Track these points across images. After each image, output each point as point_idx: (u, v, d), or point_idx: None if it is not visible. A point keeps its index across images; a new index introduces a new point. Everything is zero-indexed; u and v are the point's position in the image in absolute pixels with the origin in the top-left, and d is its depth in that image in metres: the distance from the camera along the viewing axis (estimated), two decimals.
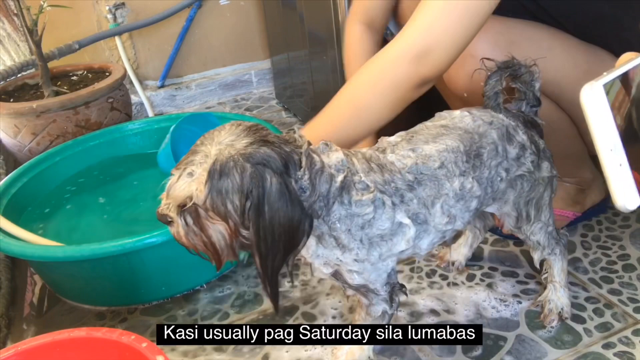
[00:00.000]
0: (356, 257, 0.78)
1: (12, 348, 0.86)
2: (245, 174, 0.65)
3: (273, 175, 0.66)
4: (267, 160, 0.66)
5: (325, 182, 0.72)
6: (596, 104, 0.47)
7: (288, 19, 1.86)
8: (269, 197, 0.65)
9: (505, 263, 1.19)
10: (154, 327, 1.12)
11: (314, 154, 0.73)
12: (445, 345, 0.99)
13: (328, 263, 0.80)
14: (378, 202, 0.76)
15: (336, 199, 0.73)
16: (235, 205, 0.66)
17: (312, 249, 0.77)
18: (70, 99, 1.69)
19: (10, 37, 1.96)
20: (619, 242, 1.21)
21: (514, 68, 0.89)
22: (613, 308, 1.04)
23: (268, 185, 0.65)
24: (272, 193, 0.65)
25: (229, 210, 0.66)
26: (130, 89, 2.06)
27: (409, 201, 0.79)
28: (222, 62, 2.31)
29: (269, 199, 0.65)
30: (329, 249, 0.78)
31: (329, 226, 0.75)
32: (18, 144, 1.71)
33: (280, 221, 0.67)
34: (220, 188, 0.65)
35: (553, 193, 0.95)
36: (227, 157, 0.66)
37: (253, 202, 0.66)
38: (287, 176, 0.68)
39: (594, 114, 0.47)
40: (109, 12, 2.05)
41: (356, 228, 0.76)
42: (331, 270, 0.81)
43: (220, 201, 0.66)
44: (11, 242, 1.15)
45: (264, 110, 2.18)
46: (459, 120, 0.87)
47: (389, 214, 0.77)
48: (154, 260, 1.14)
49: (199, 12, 2.18)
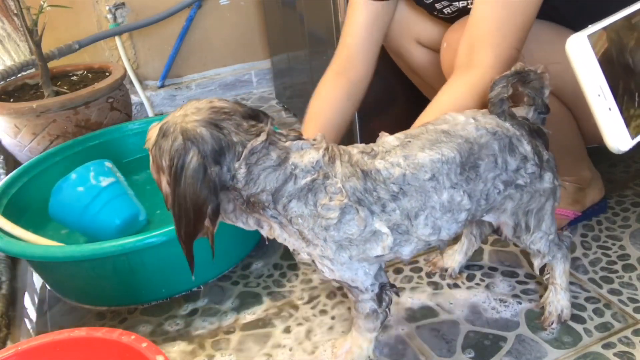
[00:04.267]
0: (322, 253, 0.80)
1: (12, 348, 0.86)
2: (175, 143, 0.73)
3: (196, 154, 0.72)
4: (197, 140, 0.72)
5: (275, 180, 0.75)
6: (581, 54, 0.50)
7: (288, 19, 1.86)
8: (186, 171, 0.72)
9: (505, 263, 1.19)
10: (154, 327, 1.12)
11: (273, 152, 0.75)
12: (445, 345, 0.99)
13: (300, 249, 0.82)
14: (348, 209, 0.77)
15: (294, 197, 0.76)
16: (166, 163, 0.74)
17: (277, 232, 0.81)
18: (70, 99, 1.69)
19: (10, 37, 1.96)
20: (619, 242, 1.21)
21: (523, 74, 0.87)
22: (613, 308, 1.04)
23: (187, 161, 0.72)
24: (189, 169, 0.72)
25: (162, 166, 0.75)
26: (130, 89, 2.06)
27: (391, 211, 0.79)
28: (222, 62, 2.31)
29: (185, 173, 0.72)
30: (293, 238, 0.80)
31: (288, 219, 0.77)
32: (18, 144, 1.71)
33: (189, 195, 0.73)
34: (160, 144, 0.75)
35: (556, 202, 0.94)
36: (172, 124, 0.74)
37: (173, 169, 0.73)
38: (213, 161, 0.73)
39: (579, 63, 0.50)
40: (109, 12, 2.05)
41: (319, 228, 0.78)
42: (307, 257, 0.83)
43: (158, 155, 0.76)
44: (11, 242, 1.15)
45: (264, 110, 2.18)
46: (461, 127, 0.84)
47: (359, 222, 0.78)
48: (154, 260, 1.14)
49: (199, 12, 2.18)
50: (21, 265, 1.35)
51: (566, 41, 0.51)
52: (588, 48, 0.50)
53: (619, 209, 1.32)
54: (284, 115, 2.10)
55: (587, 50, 0.50)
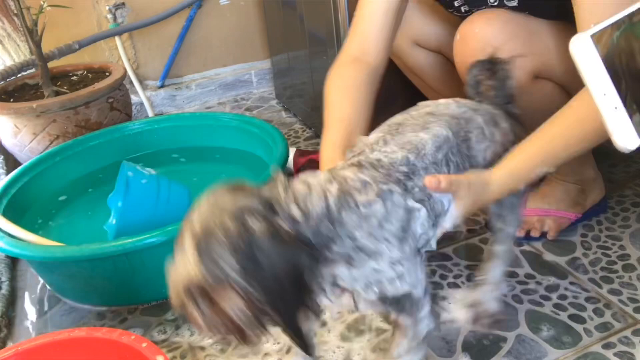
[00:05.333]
0: (390, 259, 0.71)
1: (12, 348, 0.86)
2: (229, 229, 0.61)
3: (255, 219, 0.62)
4: (245, 207, 0.62)
5: (318, 200, 0.67)
6: (585, 54, 0.51)
7: (288, 19, 1.86)
8: (258, 242, 0.61)
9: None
10: (154, 327, 1.12)
11: (296, 182, 0.69)
12: (445, 346, 0.99)
13: (369, 284, 0.71)
14: (386, 195, 0.71)
15: (341, 207, 0.68)
16: (231, 265, 0.61)
17: (345, 275, 0.70)
18: (70, 99, 1.69)
19: (10, 37, 1.95)
20: (619, 242, 1.21)
21: (494, 62, 0.91)
22: (613, 308, 1.04)
23: (254, 231, 0.61)
24: (260, 237, 0.61)
25: (228, 273, 0.61)
26: (130, 89, 2.06)
27: (412, 189, 0.75)
28: (222, 62, 2.31)
29: (259, 245, 0.61)
30: (362, 266, 0.70)
31: (351, 240, 0.69)
32: (18, 144, 1.71)
33: (278, 264, 0.62)
34: (210, 254, 0.61)
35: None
36: (207, 221, 0.62)
37: (245, 254, 0.61)
38: (272, 214, 0.63)
39: (583, 63, 0.51)
40: (109, 12, 2.05)
41: (375, 229, 0.70)
42: (377, 294, 0.72)
43: (216, 268, 0.61)
44: (11, 242, 1.15)
45: (264, 110, 2.18)
46: (444, 107, 0.86)
47: (399, 201, 0.72)
48: (154, 260, 1.13)
49: (199, 12, 2.18)
50: (21, 265, 1.35)
51: (570, 42, 0.52)
52: (592, 48, 0.51)
53: (619, 209, 1.32)
54: (284, 115, 2.10)
55: (591, 50, 0.51)
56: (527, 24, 1.06)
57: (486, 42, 1.02)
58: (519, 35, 1.04)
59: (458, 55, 1.10)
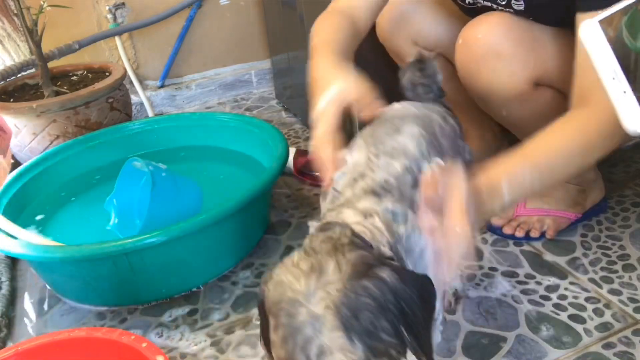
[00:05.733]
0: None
1: (12, 348, 0.87)
2: (370, 290, 0.54)
3: (382, 268, 0.57)
4: (369, 263, 0.57)
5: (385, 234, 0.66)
6: (594, 39, 0.52)
7: (288, 19, 1.86)
8: (398, 291, 0.56)
9: (505, 263, 1.19)
10: (154, 327, 1.12)
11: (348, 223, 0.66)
12: (445, 345, 0.99)
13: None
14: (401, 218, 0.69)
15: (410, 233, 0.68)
16: (386, 330, 0.54)
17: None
18: (70, 99, 1.69)
19: (10, 37, 1.96)
20: (619, 242, 1.21)
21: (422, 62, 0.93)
22: (613, 308, 1.04)
23: (391, 283, 0.56)
24: (397, 284, 0.56)
25: (386, 340, 0.54)
26: (130, 89, 2.06)
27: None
28: (222, 62, 2.31)
29: (400, 294, 0.56)
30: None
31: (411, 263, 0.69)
32: (18, 144, 1.71)
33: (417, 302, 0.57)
34: (366, 328, 0.53)
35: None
36: (341, 295, 0.53)
37: (396, 307, 0.55)
38: (389, 259, 0.62)
39: (592, 48, 0.52)
40: (109, 12, 2.05)
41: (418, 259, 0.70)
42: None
43: (375, 340, 0.53)
44: (11, 242, 1.15)
45: (264, 110, 2.18)
46: (402, 108, 0.87)
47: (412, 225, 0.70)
48: (154, 260, 1.14)
49: (199, 12, 2.18)
50: (21, 265, 1.35)
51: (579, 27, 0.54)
52: (600, 33, 0.52)
53: (619, 209, 1.32)
54: (284, 115, 2.10)
55: (599, 35, 0.52)
56: (530, 31, 1.05)
57: (489, 48, 1.02)
58: (522, 42, 1.03)
59: (460, 59, 1.10)
